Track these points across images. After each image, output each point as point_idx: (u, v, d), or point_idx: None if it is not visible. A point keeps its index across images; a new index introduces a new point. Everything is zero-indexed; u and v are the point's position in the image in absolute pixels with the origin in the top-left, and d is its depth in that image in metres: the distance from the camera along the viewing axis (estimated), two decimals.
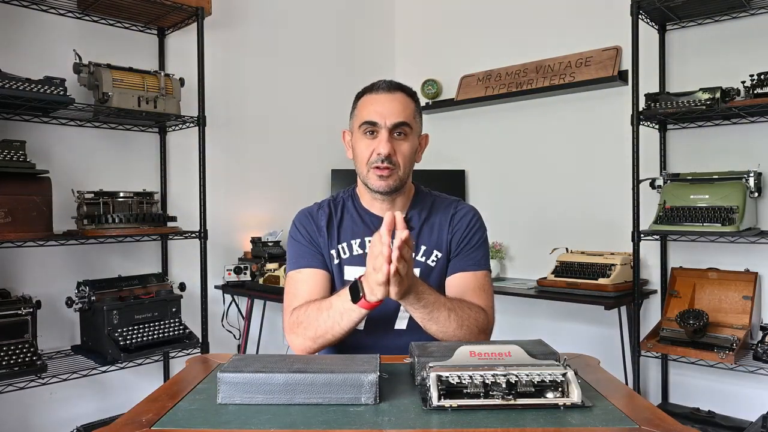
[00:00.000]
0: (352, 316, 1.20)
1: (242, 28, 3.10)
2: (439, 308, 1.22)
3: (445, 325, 1.23)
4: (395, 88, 1.36)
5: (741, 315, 2.44)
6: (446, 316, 1.23)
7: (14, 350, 2.06)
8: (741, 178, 2.45)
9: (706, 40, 2.67)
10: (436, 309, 1.22)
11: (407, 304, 1.20)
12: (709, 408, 2.56)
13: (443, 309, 1.23)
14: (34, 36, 2.40)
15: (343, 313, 1.21)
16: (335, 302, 1.23)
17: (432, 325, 1.23)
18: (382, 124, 1.31)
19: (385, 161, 1.30)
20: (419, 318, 1.23)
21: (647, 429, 0.79)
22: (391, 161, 1.31)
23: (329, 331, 1.23)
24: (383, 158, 1.30)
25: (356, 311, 1.19)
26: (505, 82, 3.27)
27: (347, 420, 0.83)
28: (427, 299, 1.20)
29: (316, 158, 3.37)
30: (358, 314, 1.20)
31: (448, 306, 1.24)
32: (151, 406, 0.89)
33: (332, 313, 1.22)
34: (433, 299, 1.22)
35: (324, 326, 1.23)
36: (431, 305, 1.21)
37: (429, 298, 1.21)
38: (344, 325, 1.22)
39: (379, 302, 1.17)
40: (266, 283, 2.79)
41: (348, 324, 1.22)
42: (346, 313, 1.20)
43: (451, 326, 1.23)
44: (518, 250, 3.30)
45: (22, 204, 2.11)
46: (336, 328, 1.22)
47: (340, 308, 1.21)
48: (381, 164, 1.30)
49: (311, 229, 1.41)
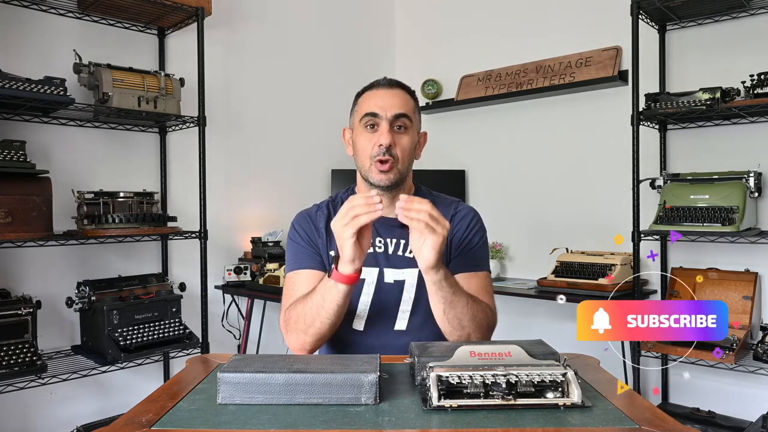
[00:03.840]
0: (332, 294, 1.20)
1: (242, 28, 3.10)
2: (461, 292, 1.24)
3: (462, 311, 1.23)
4: (395, 84, 1.39)
5: (741, 315, 2.44)
6: (465, 302, 1.23)
7: (14, 350, 2.06)
8: (741, 178, 2.45)
9: (706, 40, 2.67)
10: (459, 291, 1.23)
11: (439, 278, 1.19)
12: (709, 408, 2.56)
13: (464, 294, 1.24)
14: (34, 36, 2.40)
15: (324, 294, 1.21)
16: (318, 287, 1.24)
17: (450, 310, 1.22)
18: (383, 116, 1.32)
19: (386, 153, 1.31)
20: (442, 299, 1.21)
21: (647, 429, 0.79)
22: (392, 153, 1.31)
23: (317, 318, 1.23)
24: (384, 150, 1.30)
25: (335, 288, 1.19)
26: (505, 82, 3.27)
27: (347, 420, 0.83)
28: (452, 279, 1.23)
29: (316, 158, 3.37)
30: (337, 292, 1.19)
31: (467, 294, 1.26)
32: (151, 406, 0.89)
33: (315, 298, 1.23)
34: (456, 282, 1.24)
35: (311, 313, 1.23)
36: (455, 286, 1.23)
37: (453, 279, 1.23)
38: (328, 308, 1.21)
39: (355, 275, 1.18)
40: (266, 283, 2.79)
41: (331, 306, 1.21)
42: (326, 293, 1.20)
43: (466, 315, 1.24)
44: (518, 250, 3.30)
45: (22, 204, 2.11)
46: (322, 312, 1.22)
47: (321, 291, 1.22)
48: (383, 156, 1.31)
49: (310, 231, 1.41)
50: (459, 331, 1.25)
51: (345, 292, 1.20)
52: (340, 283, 1.19)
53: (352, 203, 1.14)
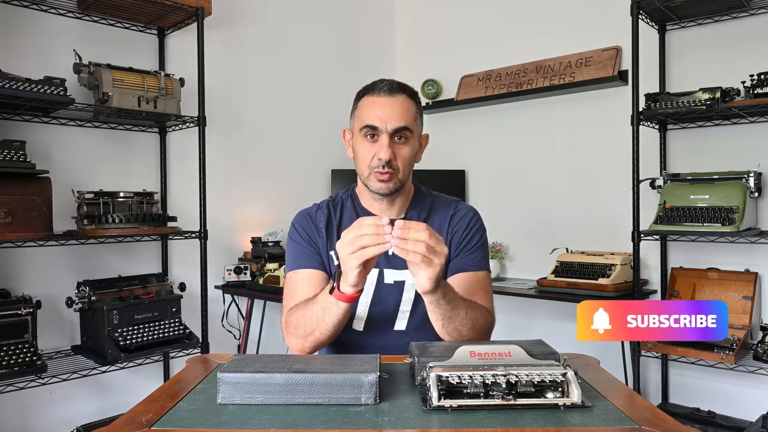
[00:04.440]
0: (332, 310, 1.18)
1: (242, 28, 3.10)
2: (459, 306, 1.21)
3: (461, 324, 1.21)
4: (396, 90, 1.34)
5: (741, 315, 2.44)
6: (464, 315, 1.21)
7: (14, 350, 2.06)
8: (741, 178, 2.45)
9: (706, 40, 2.67)
10: (457, 306, 1.20)
11: (438, 297, 1.15)
12: (709, 408, 2.55)
13: (462, 307, 1.21)
14: (34, 36, 2.40)
15: (325, 308, 1.19)
16: (319, 298, 1.22)
17: (449, 324, 1.21)
18: (383, 129, 1.30)
19: (385, 166, 1.29)
20: (441, 315, 1.19)
21: (647, 429, 0.79)
22: (392, 166, 1.30)
23: (316, 328, 1.22)
24: (384, 164, 1.29)
25: (335, 305, 1.17)
26: (505, 82, 3.27)
27: (347, 420, 0.83)
28: (451, 295, 1.19)
29: (316, 158, 3.37)
30: (338, 309, 1.17)
31: (465, 304, 1.23)
32: (151, 406, 0.89)
33: (316, 309, 1.21)
34: (455, 296, 1.20)
35: (310, 323, 1.22)
36: (453, 302, 1.19)
37: (452, 294, 1.19)
38: (328, 321, 1.19)
39: (356, 295, 1.15)
40: (266, 283, 2.79)
41: (331, 320, 1.19)
42: (327, 307, 1.19)
43: (465, 326, 1.22)
44: (518, 250, 3.30)
45: (22, 204, 2.11)
46: (321, 324, 1.21)
47: (321, 303, 1.20)
48: (382, 169, 1.30)
49: (310, 231, 1.40)
50: (458, 339, 1.24)
51: (345, 309, 1.19)
52: (342, 302, 1.17)
53: (360, 230, 1.06)
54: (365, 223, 1.06)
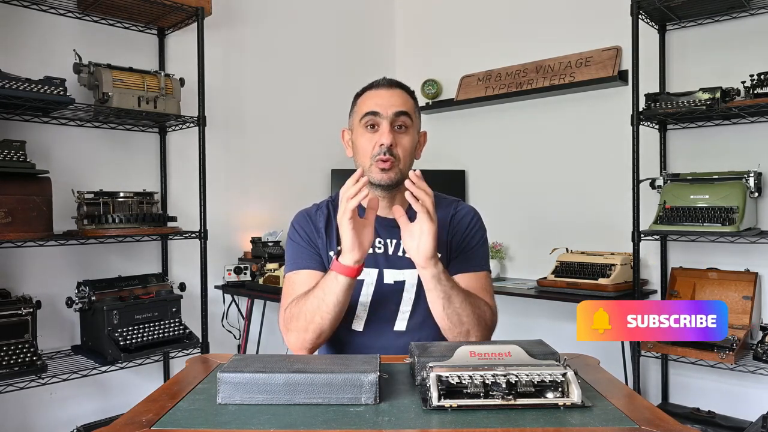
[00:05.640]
0: (332, 286, 1.21)
1: (242, 28, 3.10)
2: (458, 289, 1.25)
3: (461, 306, 1.23)
4: (394, 84, 1.38)
5: (741, 315, 2.44)
6: (464, 297, 1.25)
7: (14, 350, 2.06)
8: (741, 178, 2.45)
9: (706, 40, 2.67)
10: (457, 286, 1.25)
11: (438, 270, 1.21)
12: (709, 408, 2.55)
13: (461, 291, 1.25)
14: (34, 36, 2.40)
15: (325, 286, 1.22)
16: (320, 282, 1.25)
17: (449, 305, 1.23)
18: (383, 114, 1.32)
19: (387, 152, 1.30)
20: (441, 293, 1.22)
21: (647, 429, 0.79)
22: (393, 153, 1.31)
23: (317, 312, 1.23)
24: (386, 149, 1.30)
25: (335, 280, 1.20)
26: (505, 82, 3.27)
27: (347, 420, 0.83)
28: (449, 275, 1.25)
29: (316, 158, 3.37)
30: (337, 284, 1.20)
31: (464, 291, 1.27)
32: (151, 406, 0.89)
33: (317, 292, 1.24)
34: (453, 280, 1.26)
35: (311, 308, 1.24)
36: (453, 281, 1.25)
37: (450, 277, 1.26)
38: (328, 301, 1.22)
39: (356, 269, 1.19)
40: (266, 283, 2.79)
41: (331, 299, 1.21)
42: (327, 285, 1.22)
43: (465, 310, 1.24)
44: (518, 250, 3.30)
45: (22, 204, 2.11)
46: (322, 306, 1.22)
47: (322, 285, 1.23)
48: (384, 156, 1.30)
49: (309, 231, 1.41)
50: (458, 328, 1.24)
51: (345, 285, 1.21)
52: (341, 275, 1.19)
53: (344, 190, 1.19)
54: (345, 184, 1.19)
